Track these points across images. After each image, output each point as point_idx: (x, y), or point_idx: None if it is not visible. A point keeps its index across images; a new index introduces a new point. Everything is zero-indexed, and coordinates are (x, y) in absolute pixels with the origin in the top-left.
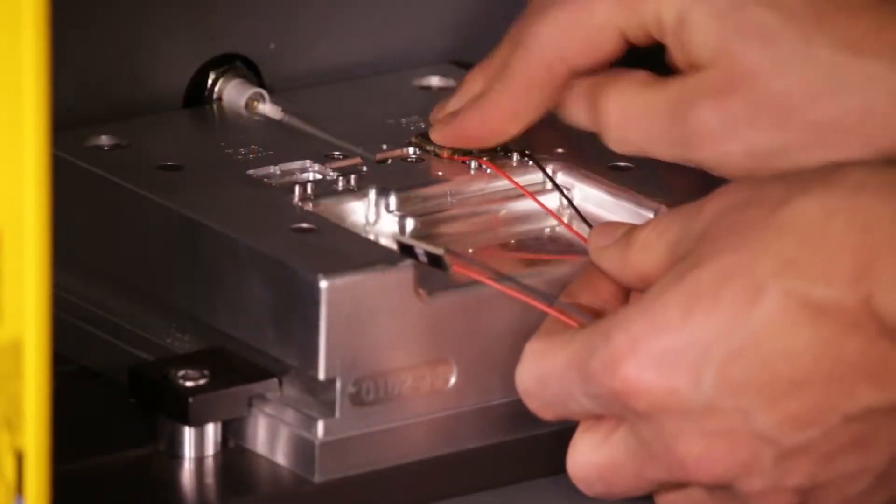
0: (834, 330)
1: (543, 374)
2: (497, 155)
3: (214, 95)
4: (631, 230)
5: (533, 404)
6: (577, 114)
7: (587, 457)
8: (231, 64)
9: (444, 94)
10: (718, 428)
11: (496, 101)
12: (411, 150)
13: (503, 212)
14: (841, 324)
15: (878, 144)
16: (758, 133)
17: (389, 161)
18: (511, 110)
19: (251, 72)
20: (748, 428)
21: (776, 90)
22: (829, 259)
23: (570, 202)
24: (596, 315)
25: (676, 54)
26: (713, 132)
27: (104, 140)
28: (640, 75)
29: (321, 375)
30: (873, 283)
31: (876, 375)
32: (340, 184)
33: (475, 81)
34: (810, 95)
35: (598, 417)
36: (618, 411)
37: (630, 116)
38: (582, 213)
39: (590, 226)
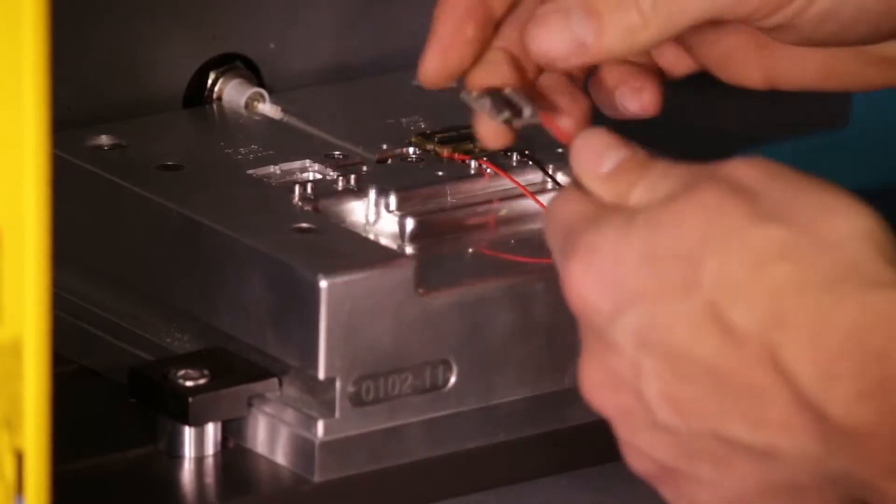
0: (735, 358)
1: (551, 215)
2: (497, 155)
3: (214, 95)
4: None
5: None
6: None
7: None
8: (231, 64)
9: (444, 92)
10: (613, 366)
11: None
12: (411, 150)
13: (503, 212)
14: (742, 357)
15: None
16: None
17: (389, 161)
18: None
19: (251, 72)
20: (636, 383)
21: None
22: (755, 291)
23: None
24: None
25: None
26: None
27: (104, 140)
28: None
29: (321, 375)
30: (784, 335)
31: (753, 417)
32: (340, 184)
33: None
34: None
35: None
36: None
37: None
38: None
39: None
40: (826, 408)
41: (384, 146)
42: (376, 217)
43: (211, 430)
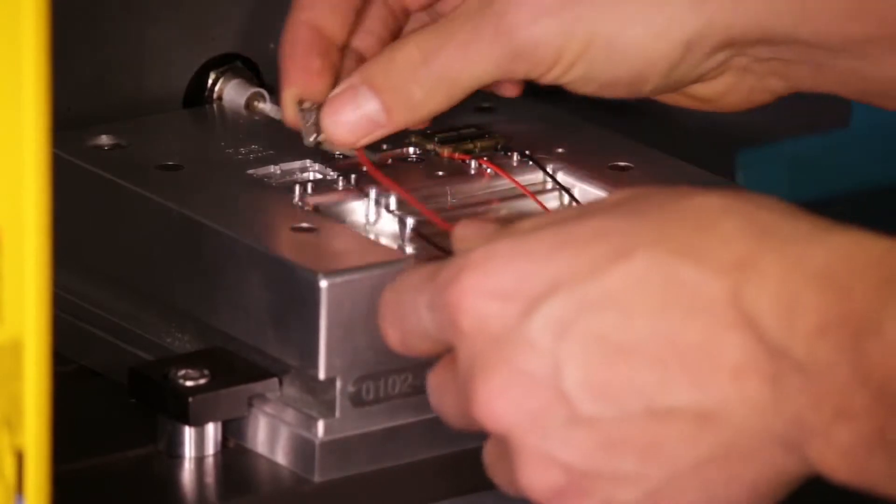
0: (683, 311)
1: (401, 284)
2: (497, 155)
3: (214, 95)
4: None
5: (383, 319)
6: None
7: (431, 374)
8: (231, 64)
9: None
10: (525, 367)
11: (297, 13)
12: (411, 150)
13: (503, 212)
14: (693, 307)
15: (675, 4)
16: (565, 3)
17: (389, 161)
18: (310, 22)
19: (251, 72)
20: (553, 379)
21: None
22: (710, 245)
23: (577, 201)
24: None
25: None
26: (525, 13)
27: (104, 140)
28: None
29: (321, 375)
30: (747, 277)
31: (700, 372)
32: (340, 184)
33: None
34: None
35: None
36: (448, 333)
37: (434, 51)
38: None
39: None
40: (787, 343)
41: (384, 146)
42: (376, 217)
43: (211, 430)
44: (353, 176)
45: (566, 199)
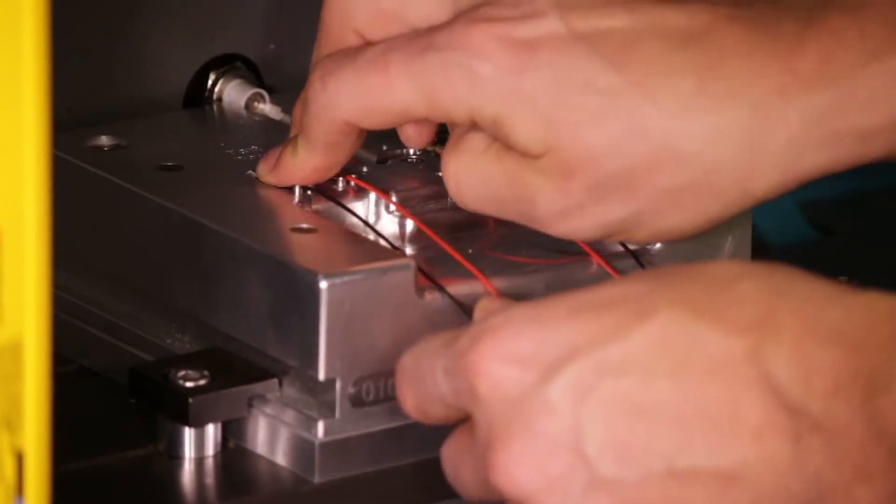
0: (703, 371)
1: (420, 350)
2: None
3: (214, 95)
4: None
5: (401, 384)
6: None
7: (447, 444)
8: (231, 64)
9: None
10: (545, 431)
11: (304, 160)
12: (411, 150)
13: None
14: (713, 367)
15: (728, 197)
16: (605, 208)
17: (389, 161)
18: (314, 166)
19: (251, 72)
20: (575, 442)
21: (615, 168)
22: (728, 306)
23: None
24: None
25: (502, 141)
26: (559, 213)
27: (104, 140)
28: (476, 141)
29: (321, 376)
30: (765, 336)
31: (721, 432)
32: (340, 184)
33: (296, 116)
34: (652, 166)
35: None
36: (465, 399)
37: (470, 185)
38: None
39: None
40: (805, 402)
41: (384, 146)
42: (376, 217)
43: (211, 431)
44: (352, 176)
45: None
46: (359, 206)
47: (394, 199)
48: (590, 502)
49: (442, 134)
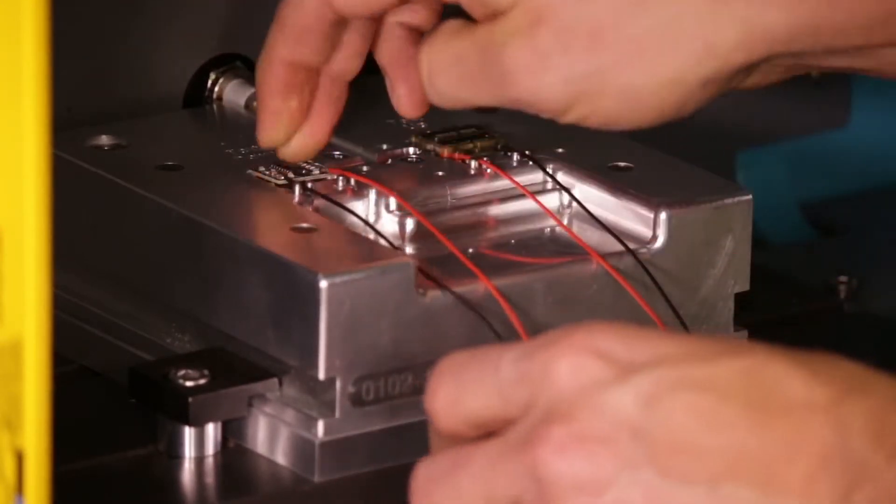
0: (778, 409)
1: (477, 348)
2: (497, 155)
3: (214, 95)
4: None
5: (441, 373)
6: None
7: (424, 466)
8: (231, 64)
9: None
10: (608, 421)
11: (272, 51)
12: (411, 150)
13: (503, 212)
14: (789, 407)
15: (690, 48)
16: (572, 59)
17: (389, 161)
18: (287, 59)
19: (251, 72)
20: (631, 440)
21: (583, 15)
22: (822, 364)
23: (577, 201)
24: None
25: (475, 9)
26: (527, 66)
27: (104, 140)
28: (449, 25)
29: (321, 375)
30: (852, 393)
31: (775, 468)
32: (340, 184)
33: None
34: (618, 11)
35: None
36: (532, 382)
37: (441, 66)
38: (584, 211)
39: (599, 222)
40: (868, 455)
41: (384, 146)
42: (376, 217)
43: (211, 431)
44: (352, 176)
45: (566, 198)
46: (358, 206)
47: (397, 194)
48: (622, 498)
49: (442, 134)
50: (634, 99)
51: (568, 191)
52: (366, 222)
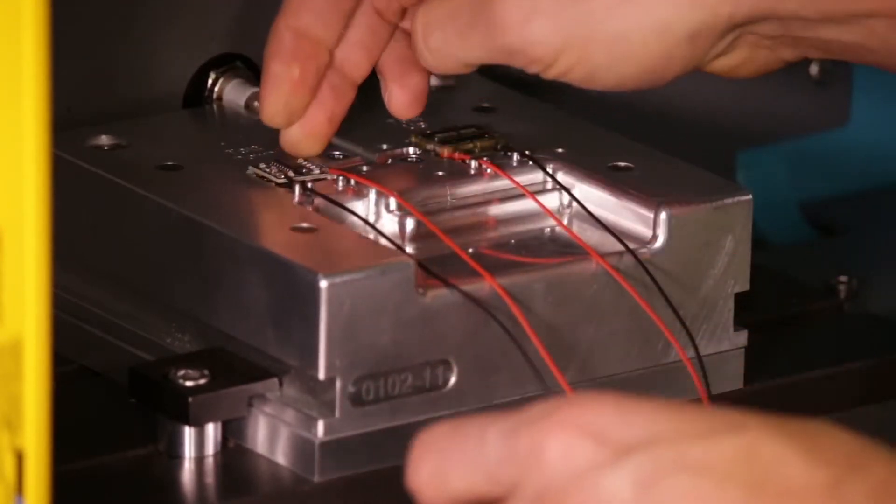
0: (778, 494)
1: (463, 419)
2: (497, 155)
3: (214, 95)
4: None
5: (421, 446)
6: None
7: None
8: (231, 64)
9: (444, 92)
10: None
11: (282, 17)
12: (411, 150)
13: (503, 212)
14: (789, 491)
15: None
16: (561, 4)
17: (389, 161)
18: (293, 25)
19: (251, 72)
20: None
21: None
22: (818, 438)
23: (577, 201)
24: None
25: None
26: (517, 13)
27: (104, 140)
28: None
29: (321, 375)
30: (851, 472)
31: None
32: (340, 184)
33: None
34: None
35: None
36: (520, 464)
37: (435, 24)
38: (584, 211)
39: (599, 221)
40: None
41: (384, 146)
42: (376, 217)
43: (211, 431)
44: (352, 176)
45: (566, 198)
46: (359, 206)
47: (397, 194)
48: None
49: (442, 134)
50: (621, 48)
51: (568, 191)
52: (366, 222)
